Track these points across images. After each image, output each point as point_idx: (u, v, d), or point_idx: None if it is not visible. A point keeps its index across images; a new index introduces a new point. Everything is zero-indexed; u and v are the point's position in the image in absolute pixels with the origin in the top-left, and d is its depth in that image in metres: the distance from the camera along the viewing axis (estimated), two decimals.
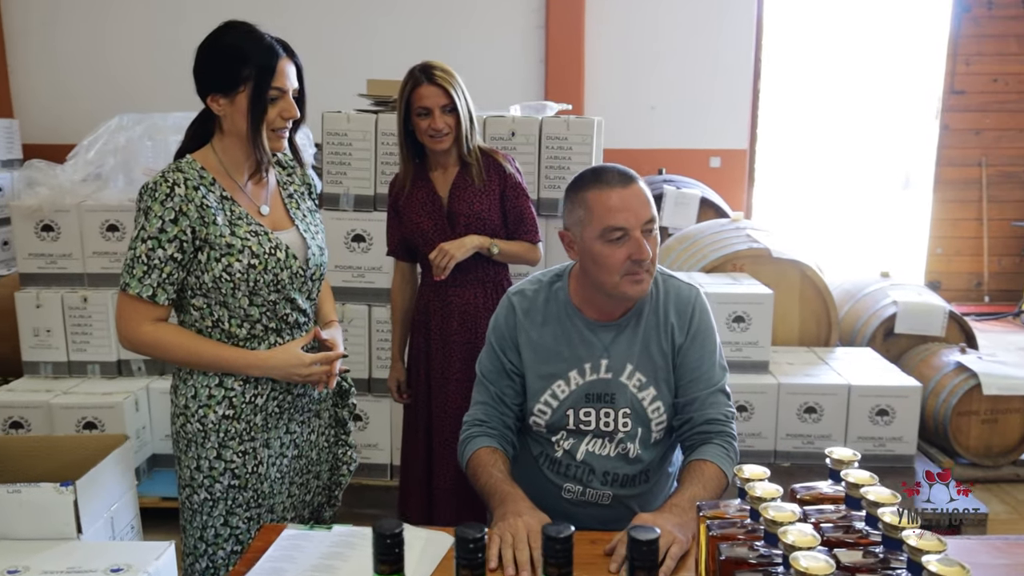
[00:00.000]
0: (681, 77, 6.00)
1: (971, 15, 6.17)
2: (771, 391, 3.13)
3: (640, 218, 1.53)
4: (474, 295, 2.31)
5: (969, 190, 6.38)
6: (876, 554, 1.08)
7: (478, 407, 1.70)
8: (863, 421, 3.12)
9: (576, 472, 1.65)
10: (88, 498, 1.24)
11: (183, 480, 1.71)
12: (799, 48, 6.78)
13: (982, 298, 6.41)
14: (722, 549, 1.10)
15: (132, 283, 1.59)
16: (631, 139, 5.92)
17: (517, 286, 1.75)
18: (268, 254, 1.64)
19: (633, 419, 1.63)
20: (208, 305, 1.65)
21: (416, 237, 2.31)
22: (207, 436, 1.67)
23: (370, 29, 5.78)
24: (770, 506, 1.10)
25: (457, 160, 2.28)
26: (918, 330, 3.70)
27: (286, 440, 1.77)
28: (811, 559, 0.96)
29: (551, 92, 5.81)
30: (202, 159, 1.66)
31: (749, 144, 6.20)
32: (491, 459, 1.59)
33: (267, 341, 1.70)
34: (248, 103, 1.61)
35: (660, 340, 1.64)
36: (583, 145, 2.81)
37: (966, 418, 3.34)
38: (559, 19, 5.88)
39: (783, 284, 3.55)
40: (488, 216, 2.27)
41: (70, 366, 3.13)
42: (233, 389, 1.67)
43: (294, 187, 1.79)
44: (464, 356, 2.30)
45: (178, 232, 1.58)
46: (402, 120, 2.25)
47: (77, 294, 3.10)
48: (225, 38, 1.64)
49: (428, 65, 2.21)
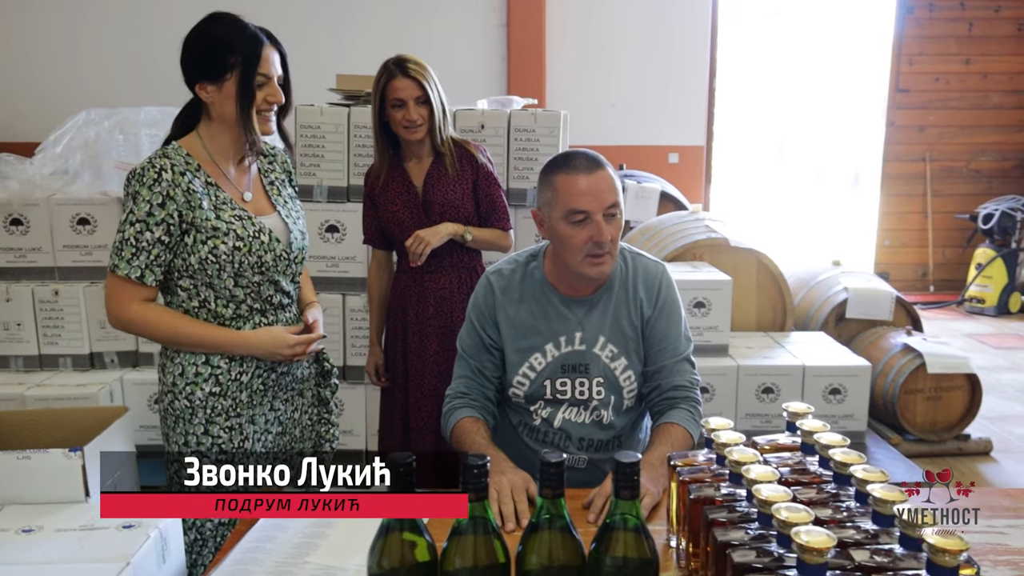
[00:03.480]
0: (640, 75, 6.16)
1: (914, 16, 6.45)
2: (731, 373, 3.27)
3: (602, 203, 1.62)
4: (449, 281, 2.39)
5: (914, 185, 6.66)
6: (828, 491, 1.20)
7: (459, 380, 1.79)
8: (817, 399, 3.28)
9: (554, 439, 1.75)
10: (95, 464, 1.31)
11: (171, 456, 1.76)
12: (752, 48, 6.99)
13: (928, 287, 6.69)
14: (691, 490, 1.21)
15: (121, 264, 1.64)
16: (592, 135, 6.04)
17: (495, 266, 1.84)
18: (252, 237, 1.71)
19: (606, 387, 1.73)
20: (195, 286, 1.72)
21: (392, 226, 2.38)
22: (194, 413, 1.73)
23: (337, 27, 5.82)
24: (734, 450, 1.21)
25: (431, 151, 2.35)
26: (868, 315, 3.89)
27: (271, 417, 1.84)
28: (771, 490, 1.08)
29: (514, 89, 5.91)
30: (187, 146, 1.72)
31: (706, 141, 6.39)
32: (474, 427, 1.68)
33: (252, 321, 1.77)
34: (236, 89, 1.68)
35: (630, 313, 1.75)
36: (550, 137, 2.92)
37: (912, 396, 3.53)
38: (520, 17, 5.99)
39: (740, 272, 3.71)
40: (462, 204, 2.35)
41: (41, 359, 3.14)
42: (219, 367, 1.74)
43: (275, 174, 1.86)
44: (440, 340, 2.38)
45: (165, 216, 1.64)
46: (377, 112, 2.32)
47: (48, 287, 3.11)
48: (211, 29, 1.70)
49: (402, 58, 2.28)
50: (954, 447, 3.58)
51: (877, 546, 1.04)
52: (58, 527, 1.25)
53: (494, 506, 1.42)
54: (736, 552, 1.03)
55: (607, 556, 0.90)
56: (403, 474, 0.88)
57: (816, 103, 7.38)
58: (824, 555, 0.94)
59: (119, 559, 1.18)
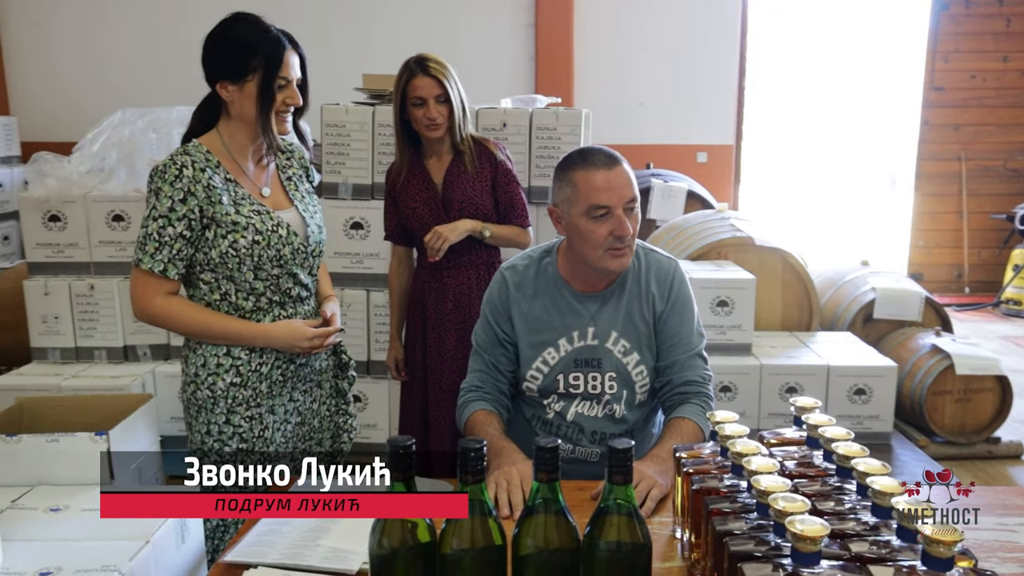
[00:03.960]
0: (668, 74, 6.14)
1: (949, 13, 6.33)
2: (754, 372, 3.26)
3: (622, 198, 1.64)
4: (468, 277, 2.42)
5: (949, 184, 6.54)
6: (831, 484, 1.20)
7: (474, 374, 1.81)
8: (842, 400, 3.25)
9: (566, 432, 1.77)
10: (119, 447, 1.36)
11: (194, 444, 1.82)
12: (783, 46, 6.92)
13: (962, 289, 6.57)
14: (694, 481, 1.22)
15: (144, 259, 1.70)
16: (620, 135, 6.05)
17: (509, 262, 1.87)
18: (271, 231, 1.75)
19: (618, 382, 1.75)
20: (216, 280, 1.77)
21: (412, 222, 2.41)
22: (216, 402, 1.78)
23: (365, 27, 5.89)
24: (737, 442, 1.22)
25: (451, 148, 2.38)
26: (896, 315, 3.84)
27: (290, 408, 1.88)
28: (770, 480, 1.09)
29: (541, 88, 5.93)
30: (208, 143, 1.77)
31: (735, 140, 6.34)
32: (487, 419, 1.71)
33: (271, 313, 1.81)
34: (257, 91, 1.72)
35: (642, 309, 1.76)
36: (571, 135, 2.93)
37: (941, 398, 3.48)
38: (548, 17, 6.01)
39: (766, 271, 3.69)
40: (480, 201, 2.38)
41: (77, 352, 3.23)
42: (240, 358, 1.78)
43: (292, 171, 1.91)
44: (458, 335, 2.41)
45: (187, 211, 1.69)
46: (398, 110, 2.35)
47: (84, 282, 3.20)
48: (234, 29, 1.75)
49: (423, 57, 2.32)
50: (983, 450, 3.52)
51: (875, 537, 1.04)
52: (84, 507, 1.31)
53: (503, 495, 1.44)
54: (733, 541, 1.04)
55: (601, 540, 0.92)
56: (402, 456, 0.90)
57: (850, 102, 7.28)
58: (818, 543, 0.95)
59: (139, 538, 1.23)
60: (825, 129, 7.49)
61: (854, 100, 7.23)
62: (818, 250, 5.93)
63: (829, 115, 7.38)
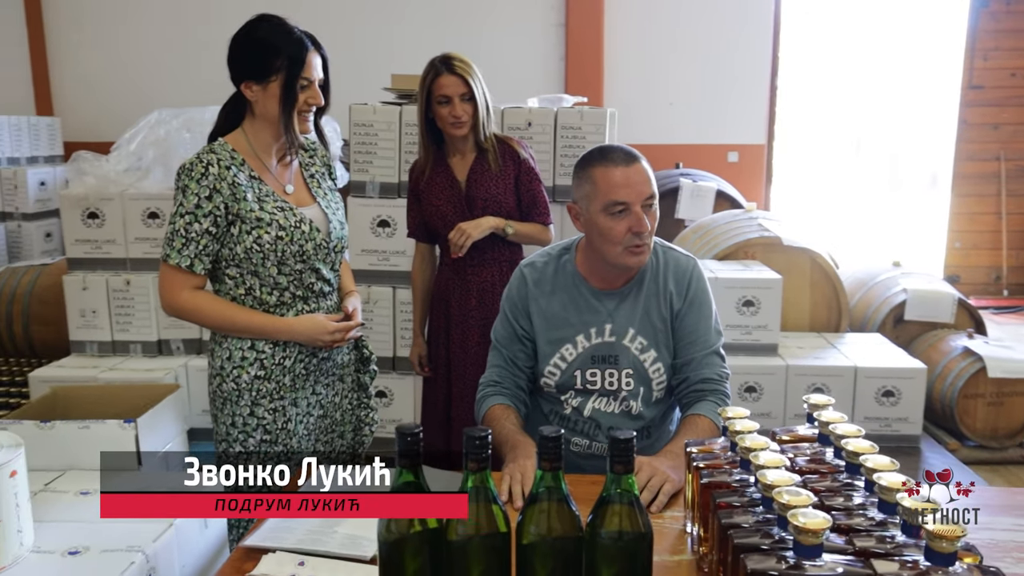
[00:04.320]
0: (699, 73, 6.11)
1: (989, 10, 6.20)
2: (779, 372, 3.24)
3: (641, 194, 1.66)
4: (491, 274, 2.44)
5: (987, 184, 6.41)
6: (841, 480, 1.20)
7: (493, 369, 1.84)
8: (869, 402, 3.22)
9: (583, 427, 1.79)
10: (147, 435, 1.41)
11: (219, 435, 1.87)
12: (817, 44, 6.84)
13: (1001, 292, 6.43)
14: (703, 475, 1.23)
15: (172, 254, 1.75)
16: (650, 134, 6.04)
17: (528, 258, 1.89)
18: (294, 227, 1.79)
19: (635, 379, 1.76)
20: (241, 275, 1.81)
21: (436, 220, 2.44)
22: (240, 395, 1.83)
23: (393, 26, 5.95)
24: (746, 437, 1.23)
25: (474, 146, 2.41)
26: (927, 317, 3.78)
27: (312, 401, 1.92)
28: (776, 475, 1.09)
29: (571, 88, 5.94)
30: (233, 142, 1.82)
31: (767, 139, 6.29)
32: (504, 414, 1.73)
33: (294, 308, 1.86)
34: (280, 91, 1.76)
35: (659, 306, 1.77)
36: (596, 135, 2.94)
37: (972, 401, 3.42)
38: (579, 17, 6.02)
39: (794, 271, 3.66)
40: (504, 199, 2.40)
41: (114, 345, 3.33)
42: (264, 352, 1.83)
43: (315, 168, 1.95)
44: (481, 332, 2.42)
45: (212, 208, 1.74)
46: (423, 108, 2.39)
47: (120, 277, 3.30)
48: (259, 31, 1.79)
49: (448, 56, 2.35)
50: (1017, 455, 3.46)
51: (881, 533, 1.05)
52: None
53: (516, 486, 1.47)
54: (738, 533, 1.05)
55: (603, 529, 0.94)
56: (410, 444, 0.93)
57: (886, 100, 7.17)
58: (819, 536, 0.96)
59: (163, 521, 1.27)
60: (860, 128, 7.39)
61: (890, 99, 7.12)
62: (852, 251, 5.85)
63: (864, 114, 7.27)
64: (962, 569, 0.95)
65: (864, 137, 7.41)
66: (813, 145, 7.31)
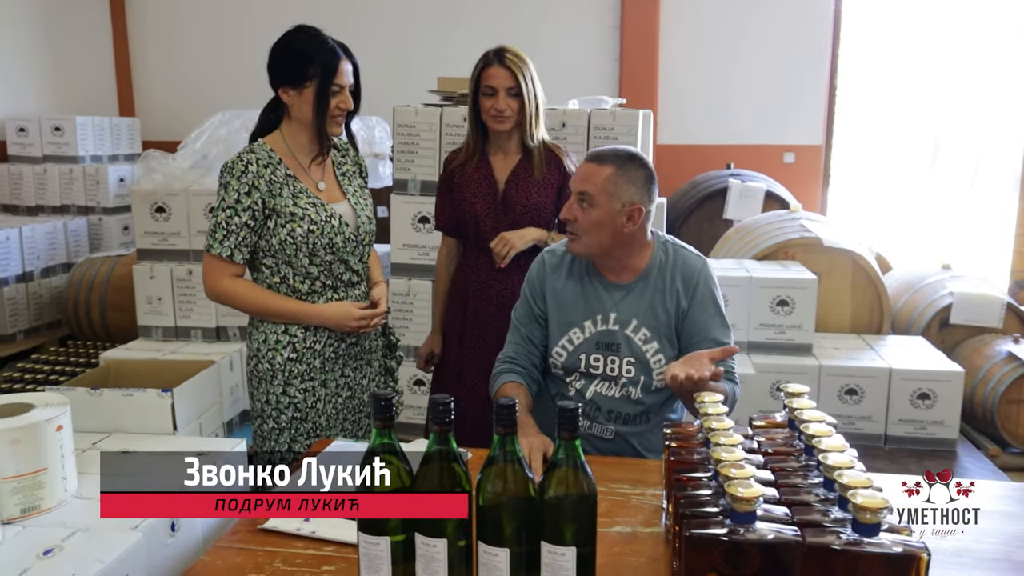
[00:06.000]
0: (755, 73, 6.06)
1: None
2: (812, 372, 3.25)
3: (576, 186, 1.82)
4: (513, 282, 2.31)
5: None
6: (802, 462, 1.28)
7: (510, 346, 1.98)
8: (904, 404, 3.20)
9: (585, 409, 1.89)
10: (182, 403, 1.58)
11: (255, 412, 2.04)
12: (880, 42, 6.69)
13: None
14: (672, 453, 1.33)
15: (214, 245, 1.93)
16: (705, 135, 6.05)
17: (551, 246, 2.02)
18: (324, 221, 1.95)
19: (636, 367, 1.85)
20: (276, 264, 1.98)
21: (467, 215, 2.34)
22: (274, 375, 2.00)
23: (449, 31, 6.09)
24: (713, 419, 1.31)
25: (519, 147, 2.32)
26: (974, 320, 3.71)
27: (341, 382, 2.08)
28: (728, 452, 1.18)
29: (625, 89, 5.99)
30: (271, 142, 1.99)
31: (824, 140, 6.20)
32: (515, 392, 1.85)
33: (325, 296, 2.01)
34: (314, 96, 1.93)
35: (665, 301, 1.86)
36: (628, 136, 3.02)
37: (1015, 406, 3.36)
38: (634, 17, 6.06)
39: (835, 272, 3.66)
40: (543, 208, 2.32)
41: (176, 331, 3.58)
42: (296, 336, 1.99)
43: (347, 167, 2.11)
44: (498, 338, 2.27)
45: (251, 203, 1.91)
46: (472, 98, 2.29)
47: (184, 267, 3.54)
48: (296, 41, 1.96)
49: (502, 48, 2.27)
50: None
51: (823, 508, 1.12)
52: (149, 450, 1.53)
53: None
54: (688, 502, 1.14)
55: (550, 490, 1.05)
56: (383, 408, 1.06)
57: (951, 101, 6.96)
58: (752, 504, 1.05)
59: None
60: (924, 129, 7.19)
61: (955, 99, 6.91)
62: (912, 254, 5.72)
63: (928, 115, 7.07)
64: (886, 540, 1.02)
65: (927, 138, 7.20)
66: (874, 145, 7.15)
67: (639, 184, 1.78)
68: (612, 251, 1.83)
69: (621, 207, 1.77)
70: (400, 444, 1.10)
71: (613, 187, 1.77)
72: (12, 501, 1.29)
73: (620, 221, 1.78)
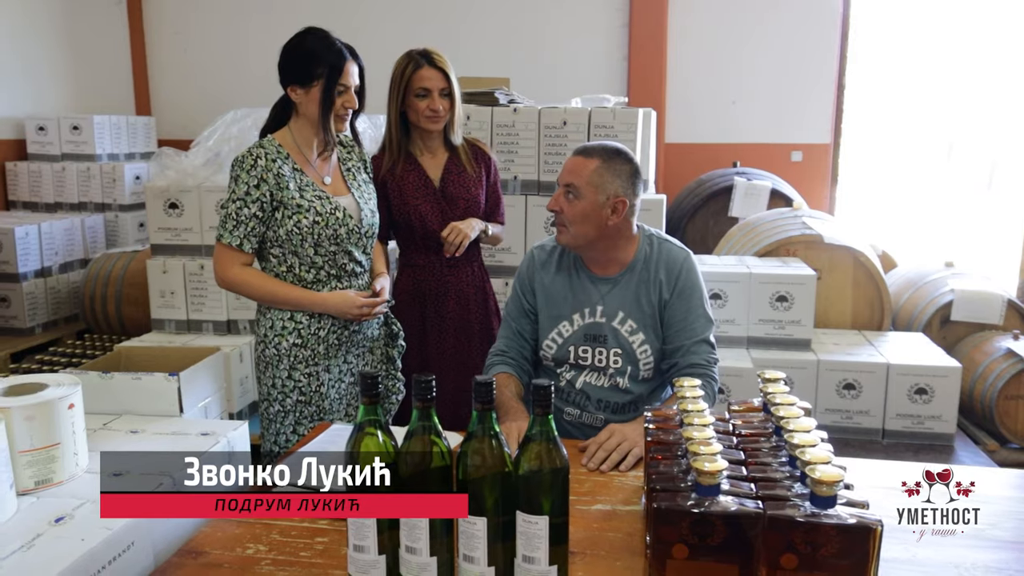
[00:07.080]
0: (763, 72, 6.09)
1: None
2: (810, 367, 3.29)
3: (563, 180, 1.88)
4: (466, 275, 2.44)
5: None
6: (772, 443, 1.34)
7: (502, 339, 2.05)
8: (902, 399, 3.23)
9: (575, 398, 1.96)
10: (188, 387, 1.66)
11: (261, 395, 2.13)
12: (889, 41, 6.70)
13: None
14: (649, 434, 1.39)
15: (225, 234, 2.02)
16: (712, 133, 6.09)
17: (540, 242, 2.09)
18: (329, 213, 2.03)
19: (623, 358, 1.92)
20: (283, 254, 2.07)
21: (412, 218, 2.37)
22: (280, 360, 2.08)
23: (455, 28, 6.16)
24: (688, 402, 1.38)
25: (444, 146, 2.40)
26: (975, 317, 3.74)
27: (344, 369, 2.16)
28: (698, 432, 1.24)
29: (633, 88, 6.05)
30: (280, 138, 2.08)
31: (832, 139, 6.22)
32: (506, 382, 1.92)
33: (329, 285, 2.10)
34: (320, 95, 2.01)
35: (649, 293, 1.92)
36: (627, 134, 3.08)
37: (1014, 402, 3.38)
38: (642, 17, 6.11)
39: (836, 269, 3.69)
40: (481, 200, 2.43)
41: (188, 324, 3.68)
42: (301, 323, 2.08)
43: (352, 163, 2.19)
44: (456, 334, 2.42)
45: (260, 195, 2.00)
46: (398, 101, 2.33)
47: (196, 262, 3.64)
48: (305, 42, 2.04)
49: (428, 50, 2.33)
50: None
51: (787, 483, 1.18)
52: (155, 431, 1.61)
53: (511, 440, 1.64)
54: (659, 477, 1.21)
55: (525, 463, 1.12)
56: (369, 385, 1.13)
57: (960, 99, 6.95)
58: (715, 478, 1.11)
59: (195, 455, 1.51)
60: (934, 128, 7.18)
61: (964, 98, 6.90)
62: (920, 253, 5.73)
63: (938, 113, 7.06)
64: (842, 512, 1.08)
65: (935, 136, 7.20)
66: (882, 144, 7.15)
67: (624, 178, 1.85)
68: (597, 243, 1.89)
69: (606, 199, 1.84)
70: (386, 418, 1.17)
71: (599, 180, 1.83)
72: (27, 473, 1.37)
73: (605, 213, 1.84)
